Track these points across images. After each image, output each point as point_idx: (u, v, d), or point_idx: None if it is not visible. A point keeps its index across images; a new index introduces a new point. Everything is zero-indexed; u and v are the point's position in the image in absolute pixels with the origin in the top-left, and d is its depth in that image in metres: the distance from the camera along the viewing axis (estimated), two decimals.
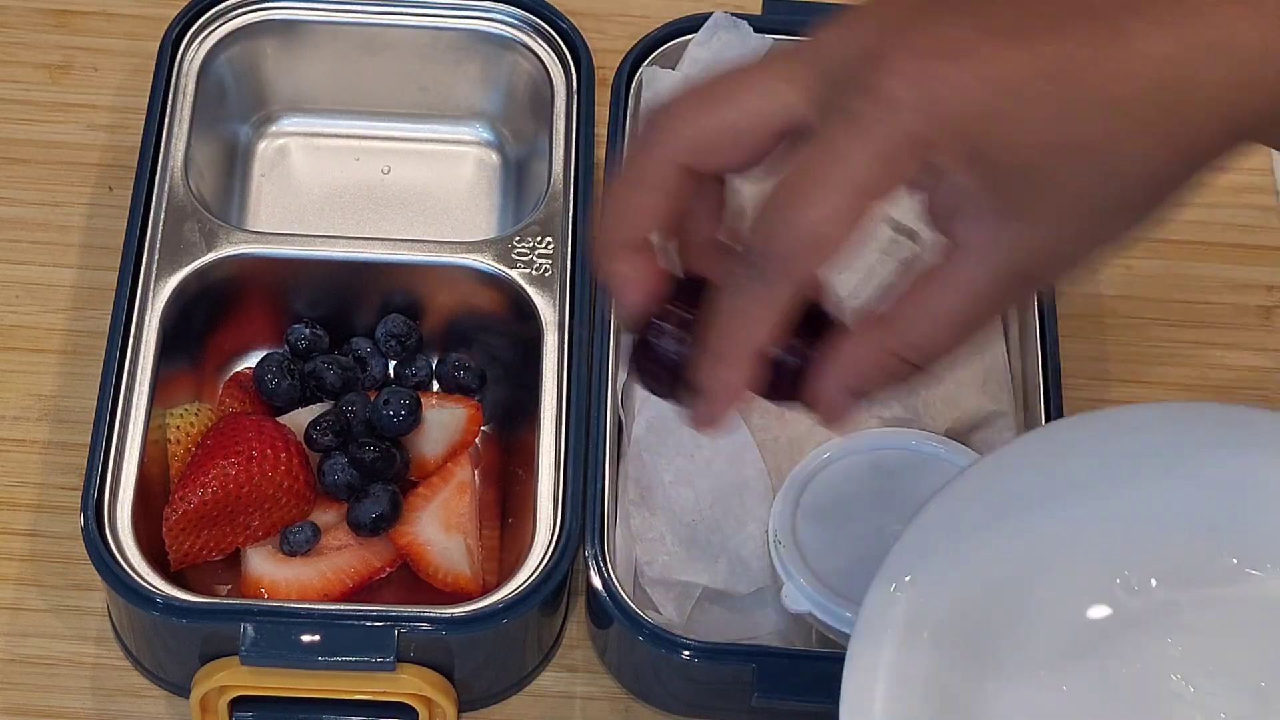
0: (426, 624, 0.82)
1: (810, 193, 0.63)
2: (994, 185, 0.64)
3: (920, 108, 0.62)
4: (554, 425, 0.87)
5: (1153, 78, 0.63)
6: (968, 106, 0.62)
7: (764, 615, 0.87)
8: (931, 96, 0.62)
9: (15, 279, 0.97)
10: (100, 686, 0.86)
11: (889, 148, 0.62)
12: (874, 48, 0.63)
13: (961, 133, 0.63)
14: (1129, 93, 0.63)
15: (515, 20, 0.99)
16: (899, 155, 0.63)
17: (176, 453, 0.88)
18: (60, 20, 1.05)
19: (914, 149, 0.63)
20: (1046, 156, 0.63)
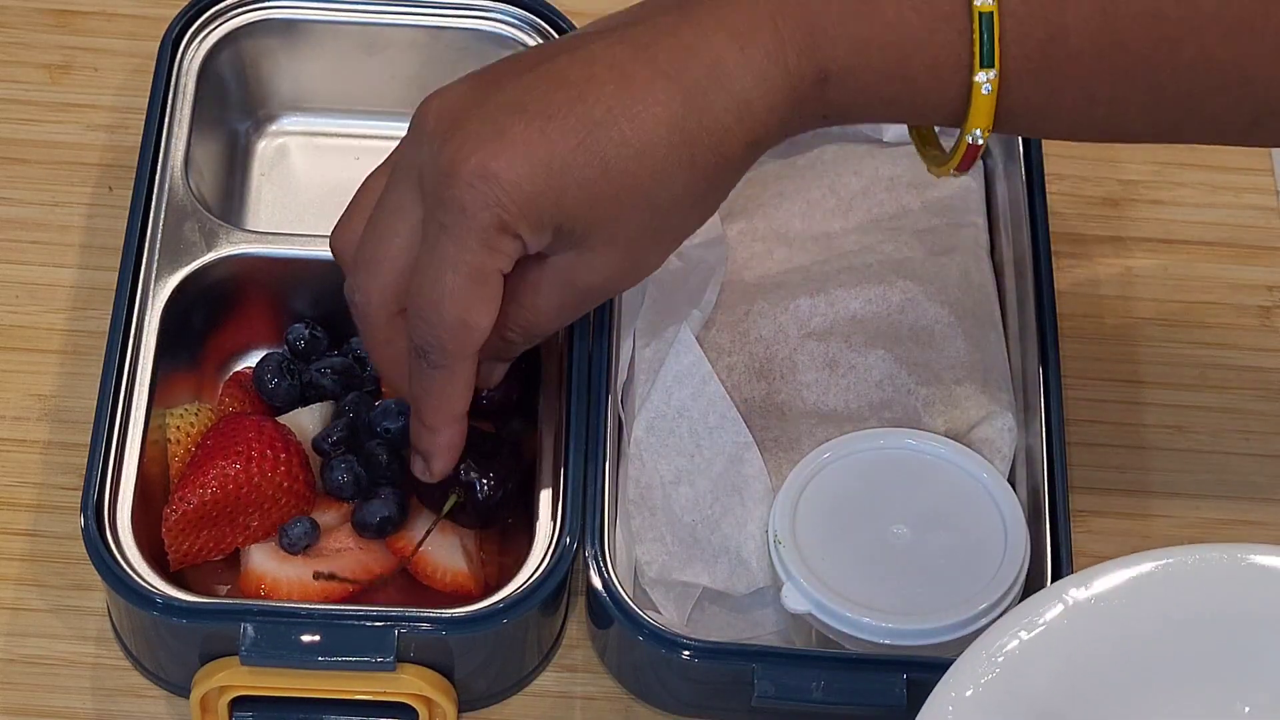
0: (426, 624, 0.82)
1: (442, 296, 0.77)
2: (560, 235, 0.77)
3: (489, 206, 0.75)
4: (554, 425, 0.87)
5: (666, 119, 0.75)
6: (523, 193, 0.75)
7: (764, 615, 0.87)
8: (493, 195, 0.75)
9: (15, 279, 0.97)
10: (100, 686, 0.86)
11: (481, 240, 0.76)
12: (439, 156, 0.76)
13: (526, 213, 0.75)
14: (652, 141, 0.75)
15: (515, 19, 0.99)
16: (491, 240, 0.76)
17: (176, 453, 0.88)
18: (60, 20, 1.05)
19: (498, 233, 0.76)
20: (595, 208, 0.76)
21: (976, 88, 0.75)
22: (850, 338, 0.90)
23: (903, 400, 0.89)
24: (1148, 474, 0.94)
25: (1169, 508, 0.93)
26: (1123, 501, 0.93)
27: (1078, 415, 0.94)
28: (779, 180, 0.96)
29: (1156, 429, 0.95)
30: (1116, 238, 1.01)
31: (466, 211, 0.75)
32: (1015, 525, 0.85)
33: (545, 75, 0.76)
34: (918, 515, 0.86)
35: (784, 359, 0.90)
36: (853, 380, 0.90)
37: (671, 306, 0.91)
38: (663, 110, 0.75)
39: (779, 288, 0.92)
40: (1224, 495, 0.93)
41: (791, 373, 0.90)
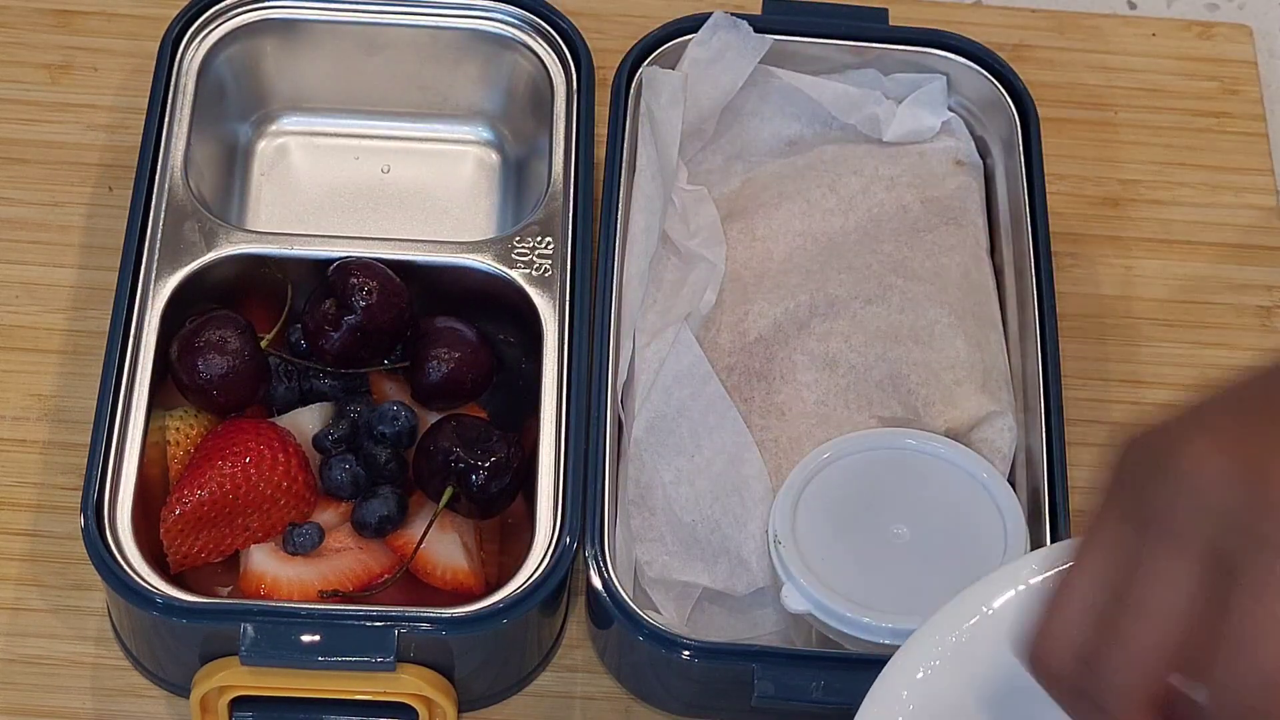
0: (426, 624, 0.82)
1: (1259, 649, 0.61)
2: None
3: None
4: (554, 425, 0.87)
5: None
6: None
7: (764, 615, 0.87)
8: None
9: (15, 279, 0.97)
10: (100, 686, 0.86)
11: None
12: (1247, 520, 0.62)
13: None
14: None
15: (515, 20, 0.99)
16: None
17: (176, 454, 0.88)
18: (60, 20, 1.05)
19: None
20: None
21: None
22: (850, 338, 0.90)
23: (903, 400, 0.89)
24: None
25: None
26: None
27: (1078, 415, 0.94)
28: (779, 180, 0.96)
29: None
30: (1116, 238, 1.01)
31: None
32: (1015, 525, 0.85)
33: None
34: (917, 515, 0.86)
35: (784, 359, 0.90)
36: (852, 380, 0.90)
37: (671, 306, 0.91)
38: None
39: (779, 288, 0.92)
40: None
41: (791, 373, 0.90)
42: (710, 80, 0.96)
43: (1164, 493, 0.63)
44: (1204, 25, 1.09)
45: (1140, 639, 0.63)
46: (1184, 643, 0.63)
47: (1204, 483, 0.63)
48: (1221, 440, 0.63)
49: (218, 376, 0.87)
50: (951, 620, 0.73)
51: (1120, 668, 0.63)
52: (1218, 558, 0.62)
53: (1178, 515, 0.63)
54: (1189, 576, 0.63)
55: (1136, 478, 0.64)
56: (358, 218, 0.99)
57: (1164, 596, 0.63)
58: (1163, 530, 0.63)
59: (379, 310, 0.88)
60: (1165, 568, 0.63)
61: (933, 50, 0.98)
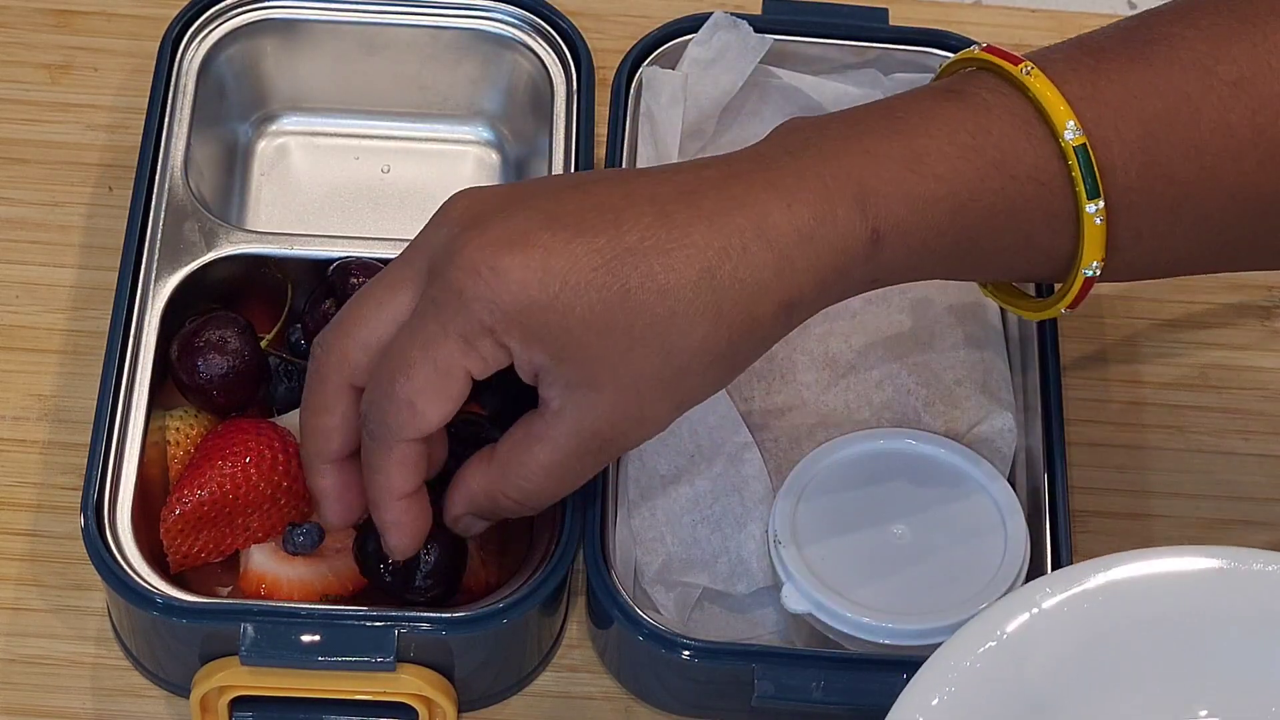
0: (426, 624, 0.82)
1: (402, 372, 0.74)
2: (559, 361, 0.73)
3: (485, 300, 0.72)
4: None
5: (700, 266, 0.72)
6: (526, 297, 0.71)
7: (764, 615, 0.87)
8: (494, 290, 0.71)
9: (15, 279, 0.97)
10: (100, 686, 0.86)
11: (463, 332, 0.72)
12: (454, 240, 0.73)
13: (522, 320, 0.72)
14: (679, 282, 0.72)
15: (515, 20, 0.99)
16: (473, 338, 0.73)
17: (176, 454, 0.88)
18: (60, 20, 1.05)
19: (485, 333, 0.72)
20: (604, 338, 0.72)
21: (1088, 219, 0.74)
22: (850, 338, 0.90)
23: (902, 400, 0.89)
24: (1147, 474, 0.94)
25: (1169, 508, 0.93)
26: (1122, 501, 0.93)
27: (1077, 415, 0.94)
28: None
29: (1156, 429, 0.95)
30: None
31: (461, 298, 0.72)
32: (1015, 525, 0.85)
33: (583, 193, 0.74)
34: (917, 515, 0.86)
35: (783, 359, 0.90)
36: (852, 380, 0.90)
37: None
38: (696, 253, 0.72)
39: None
40: (1224, 496, 0.93)
41: (791, 373, 0.90)
42: (710, 80, 0.96)
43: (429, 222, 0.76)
44: None
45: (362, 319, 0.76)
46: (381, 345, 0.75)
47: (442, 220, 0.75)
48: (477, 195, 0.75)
49: (218, 376, 0.87)
50: (966, 646, 0.73)
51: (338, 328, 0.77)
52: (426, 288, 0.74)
53: (421, 237, 0.76)
54: (408, 286, 0.75)
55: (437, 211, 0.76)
56: (358, 218, 0.99)
57: (379, 293, 0.76)
58: (410, 246, 0.76)
59: None
60: (395, 273, 0.76)
61: (933, 50, 0.98)
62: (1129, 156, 0.74)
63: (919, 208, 0.74)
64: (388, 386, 0.75)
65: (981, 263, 0.77)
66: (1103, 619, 0.74)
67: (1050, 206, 0.75)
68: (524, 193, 0.75)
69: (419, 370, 0.74)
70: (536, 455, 0.76)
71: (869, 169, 0.73)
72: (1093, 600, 0.74)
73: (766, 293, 0.73)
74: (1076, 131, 0.73)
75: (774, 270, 0.73)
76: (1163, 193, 0.75)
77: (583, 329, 0.72)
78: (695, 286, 0.72)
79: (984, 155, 0.74)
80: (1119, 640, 0.74)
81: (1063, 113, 0.74)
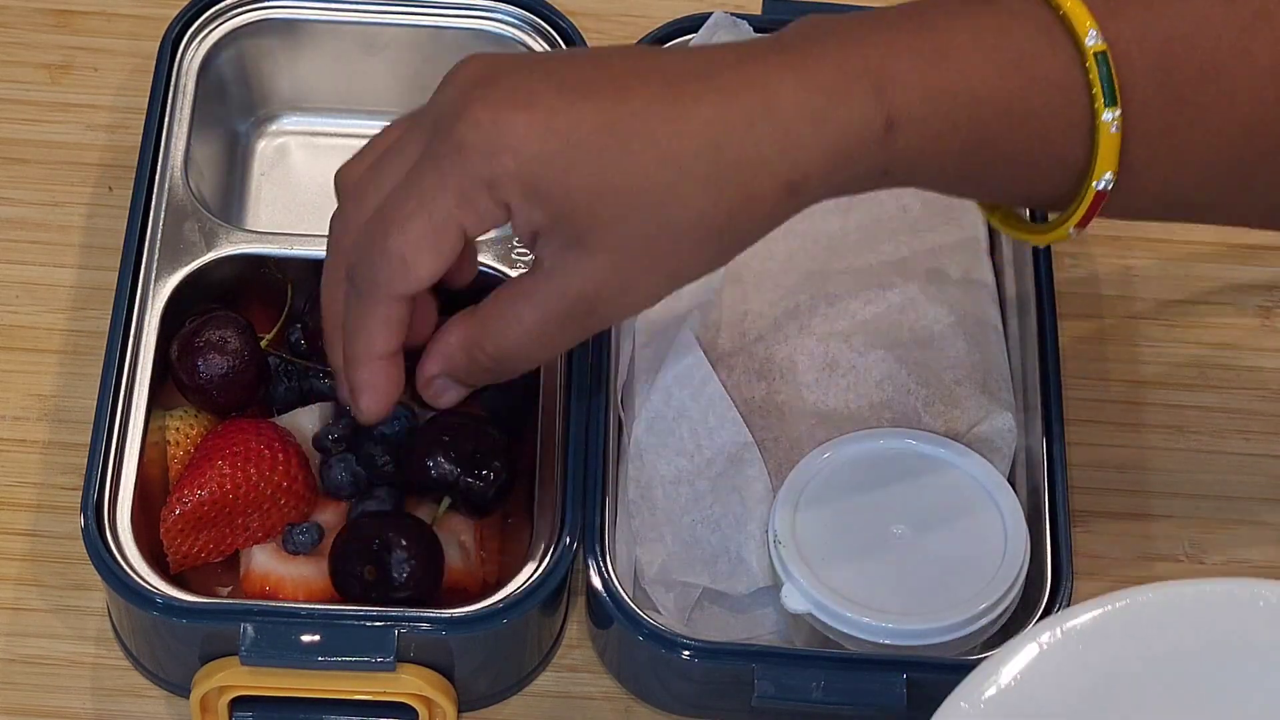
0: (426, 624, 0.82)
1: (395, 225, 0.73)
2: (556, 220, 0.72)
3: (487, 153, 0.71)
4: (554, 425, 0.87)
5: (705, 138, 0.71)
6: (528, 152, 0.71)
7: (764, 615, 0.87)
8: (496, 144, 0.71)
9: (15, 279, 0.97)
10: (100, 686, 0.86)
11: (462, 186, 0.72)
12: (461, 97, 0.73)
13: (523, 176, 0.71)
14: (682, 150, 0.71)
15: (515, 19, 0.99)
16: (471, 193, 0.72)
17: (176, 454, 0.88)
18: (60, 20, 1.05)
19: (487, 190, 0.72)
20: (602, 200, 0.72)
21: (1104, 128, 0.74)
22: (850, 338, 0.90)
23: (903, 400, 0.89)
24: (1147, 474, 0.94)
25: (1169, 508, 0.93)
26: (1122, 501, 0.93)
27: (1077, 415, 0.94)
28: None
29: (1156, 429, 0.95)
30: (1116, 237, 1.01)
31: (462, 151, 0.72)
32: (1015, 525, 0.85)
33: (594, 61, 0.74)
34: (918, 515, 0.86)
35: (784, 359, 0.90)
36: (853, 380, 0.90)
37: (671, 306, 0.91)
38: (702, 125, 0.71)
39: (779, 288, 0.92)
40: (1224, 495, 0.93)
41: (791, 373, 0.90)
42: None
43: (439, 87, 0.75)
44: None
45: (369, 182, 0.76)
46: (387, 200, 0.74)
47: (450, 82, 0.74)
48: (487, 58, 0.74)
49: (218, 376, 0.87)
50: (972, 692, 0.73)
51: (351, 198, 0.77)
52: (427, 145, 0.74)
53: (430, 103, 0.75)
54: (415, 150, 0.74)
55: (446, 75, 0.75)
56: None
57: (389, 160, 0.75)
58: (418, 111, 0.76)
59: None
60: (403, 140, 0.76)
61: None
62: (1148, 71, 0.74)
63: (936, 99, 0.73)
64: (380, 240, 0.74)
65: (992, 171, 0.76)
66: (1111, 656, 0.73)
67: (1067, 113, 0.74)
68: (536, 59, 0.76)
69: (413, 223, 0.73)
70: (520, 311, 0.75)
71: (889, 58, 0.73)
72: (1101, 636, 0.74)
73: (770, 170, 0.72)
74: (1098, 39, 0.74)
75: (779, 147, 0.72)
76: (1179, 112, 0.75)
77: (581, 190, 0.72)
78: (697, 157, 0.72)
79: (1005, 55, 0.74)
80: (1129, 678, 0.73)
81: (1085, 20, 0.74)
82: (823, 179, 0.73)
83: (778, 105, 0.72)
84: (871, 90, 0.73)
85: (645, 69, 0.73)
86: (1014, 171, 0.76)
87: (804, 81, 0.72)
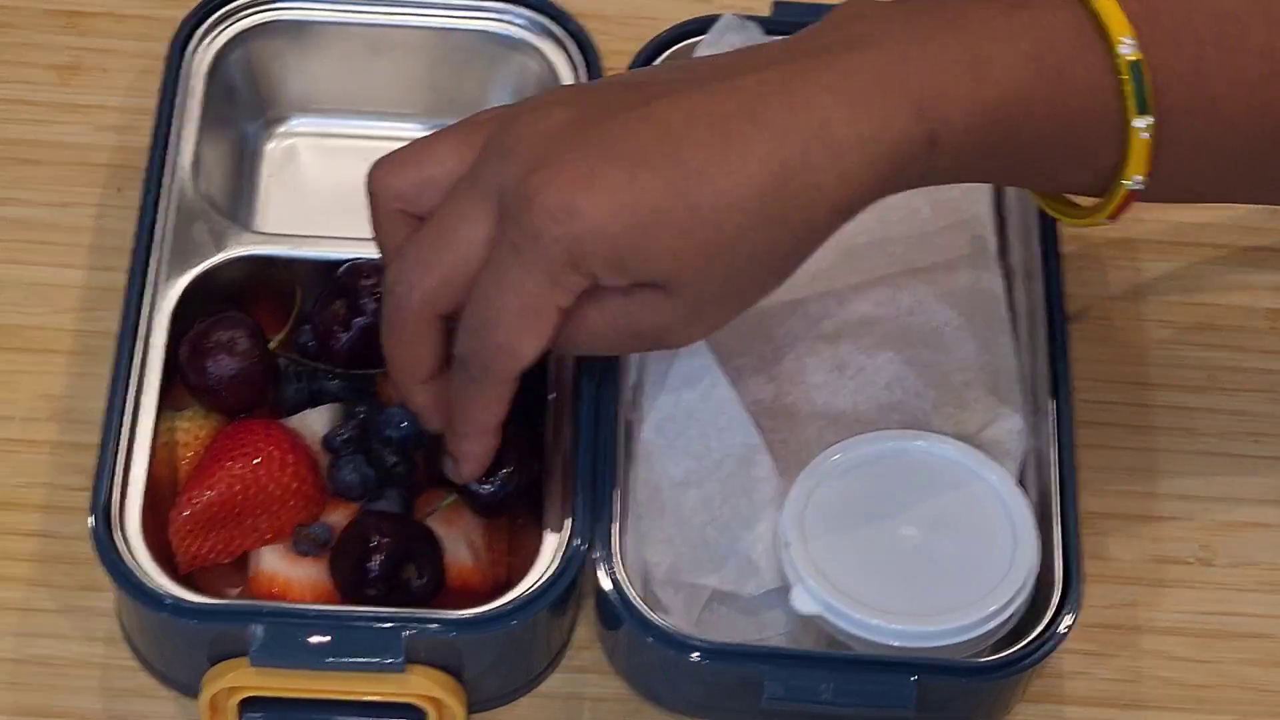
0: (435, 625, 0.82)
1: (495, 319, 0.77)
2: (639, 279, 0.76)
3: (566, 240, 0.74)
4: (563, 427, 0.87)
5: (765, 179, 0.74)
6: (606, 232, 0.74)
7: (773, 617, 0.87)
8: (572, 231, 0.74)
9: (24, 280, 0.97)
10: (109, 687, 0.87)
11: (549, 272, 0.75)
12: (524, 185, 0.75)
13: (603, 254, 0.75)
14: (746, 196, 0.74)
15: (523, 21, 0.99)
16: (558, 275, 0.75)
17: (185, 455, 0.88)
18: (69, 21, 1.05)
19: (569, 269, 0.75)
20: (681, 259, 0.75)
21: (1135, 133, 0.76)
22: (859, 339, 0.90)
23: (912, 402, 0.89)
24: (1157, 476, 0.94)
25: (1178, 510, 0.93)
26: (1132, 504, 0.93)
27: (1087, 417, 0.94)
28: None
29: (1166, 431, 0.95)
30: (1126, 240, 1.01)
31: (540, 241, 0.75)
32: (1025, 527, 0.85)
33: (645, 120, 0.75)
34: (927, 517, 0.86)
35: (793, 361, 0.90)
36: (862, 382, 0.90)
37: None
38: (760, 167, 0.74)
39: (788, 289, 0.92)
40: (1233, 498, 0.93)
41: (800, 375, 0.90)
42: None
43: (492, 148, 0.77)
44: None
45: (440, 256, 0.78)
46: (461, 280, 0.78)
47: (507, 152, 0.76)
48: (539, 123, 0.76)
49: (227, 377, 0.87)
50: None
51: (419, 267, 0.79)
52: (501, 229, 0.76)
53: (485, 165, 0.77)
54: (482, 221, 0.77)
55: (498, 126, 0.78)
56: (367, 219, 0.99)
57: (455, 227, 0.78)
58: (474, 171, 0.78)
59: None
60: (466, 205, 0.77)
61: None
62: (1180, 78, 0.76)
63: (976, 113, 0.75)
64: (484, 334, 0.78)
65: (1027, 169, 0.79)
66: None
67: (1101, 117, 0.76)
68: (584, 119, 0.76)
69: (511, 315, 0.77)
70: (587, 314, 0.78)
71: (930, 74, 0.75)
72: None
73: (826, 197, 0.75)
74: (1133, 46, 0.75)
75: (835, 176, 0.75)
76: (1209, 115, 0.77)
77: (661, 256, 0.75)
78: (761, 199, 0.74)
79: (1042, 63, 0.76)
80: None
81: (1121, 27, 0.75)
82: (870, 196, 0.77)
83: (828, 136, 0.74)
84: (915, 110, 0.75)
85: (691, 114, 0.75)
86: (1047, 170, 0.79)
87: (851, 105, 0.75)
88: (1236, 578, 0.91)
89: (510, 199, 0.76)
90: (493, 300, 0.77)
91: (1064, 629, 0.83)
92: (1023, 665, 0.83)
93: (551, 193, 0.74)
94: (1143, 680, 0.89)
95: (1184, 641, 0.90)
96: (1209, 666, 0.89)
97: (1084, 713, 0.88)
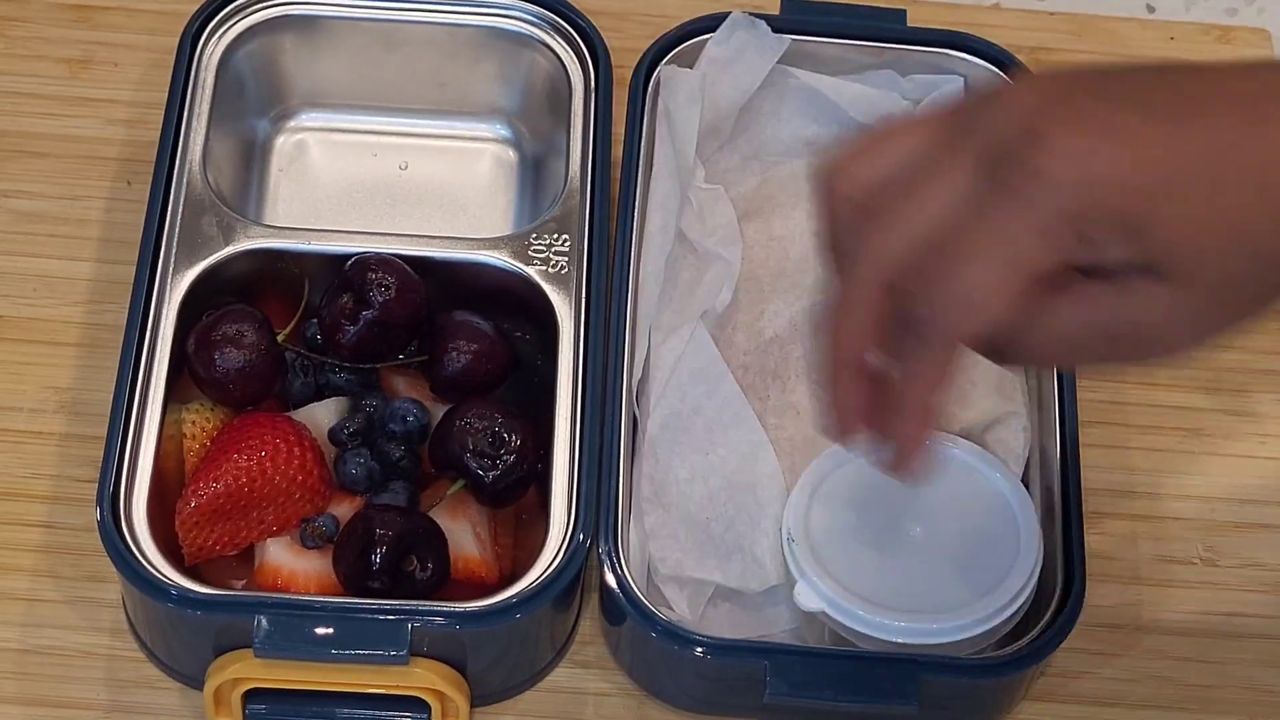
0: (440, 618, 0.82)
1: (971, 265, 0.67)
2: (1144, 254, 0.66)
3: (1079, 187, 0.65)
4: (569, 421, 0.87)
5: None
6: (1125, 185, 0.65)
7: (777, 613, 0.87)
8: (1090, 176, 0.65)
9: (34, 272, 0.97)
10: (115, 678, 0.87)
11: (1047, 224, 0.66)
12: (1034, 125, 0.66)
13: (1118, 210, 0.65)
14: (1277, 179, 0.65)
15: (534, 18, 0.99)
16: (1056, 230, 0.66)
17: (192, 448, 0.88)
18: (80, 15, 1.05)
19: (1071, 224, 0.65)
20: (1204, 237, 0.65)
21: None
22: None
23: None
24: (1161, 476, 0.94)
25: (1182, 510, 0.93)
26: (1136, 503, 0.93)
27: (1092, 417, 0.94)
28: (796, 180, 0.96)
29: (1171, 431, 0.95)
30: None
31: (1045, 181, 0.65)
32: (1029, 525, 0.85)
33: (1170, 82, 0.67)
34: (930, 515, 0.86)
35: (798, 358, 0.90)
36: None
37: (687, 305, 0.91)
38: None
39: (794, 287, 0.92)
40: (1238, 499, 0.93)
41: (806, 372, 0.90)
42: (728, 80, 0.96)
43: (975, 104, 0.69)
44: (1223, 29, 1.09)
45: (909, 215, 0.68)
46: (932, 238, 0.68)
47: (1002, 104, 0.68)
48: (1044, 79, 0.69)
49: (234, 370, 0.88)
50: None
51: (883, 224, 0.69)
52: (989, 174, 0.67)
53: (963, 119, 0.69)
54: (960, 178, 0.67)
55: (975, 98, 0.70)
56: (375, 214, 0.99)
57: (927, 183, 0.68)
58: (949, 128, 0.69)
59: (396, 305, 0.88)
60: (941, 161, 0.68)
61: (951, 52, 0.98)
62: None
63: None
64: (949, 281, 0.67)
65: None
66: None
67: None
68: (1099, 75, 0.68)
69: (984, 261, 0.67)
70: (1057, 320, 0.68)
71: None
72: None
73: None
74: None
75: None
76: None
77: (1182, 225, 0.66)
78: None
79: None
80: None
81: None
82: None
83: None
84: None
85: (1225, 90, 0.67)
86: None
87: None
88: (1241, 578, 0.91)
89: (1008, 142, 0.66)
90: (965, 240, 0.67)
91: (1067, 628, 0.83)
92: (1025, 663, 0.83)
93: (1067, 135, 0.65)
94: (1145, 680, 0.89)
95: (1187, 641, 0.90)
96: (1212, 667, 0.89)
97: (1086, 711, 0.88)
